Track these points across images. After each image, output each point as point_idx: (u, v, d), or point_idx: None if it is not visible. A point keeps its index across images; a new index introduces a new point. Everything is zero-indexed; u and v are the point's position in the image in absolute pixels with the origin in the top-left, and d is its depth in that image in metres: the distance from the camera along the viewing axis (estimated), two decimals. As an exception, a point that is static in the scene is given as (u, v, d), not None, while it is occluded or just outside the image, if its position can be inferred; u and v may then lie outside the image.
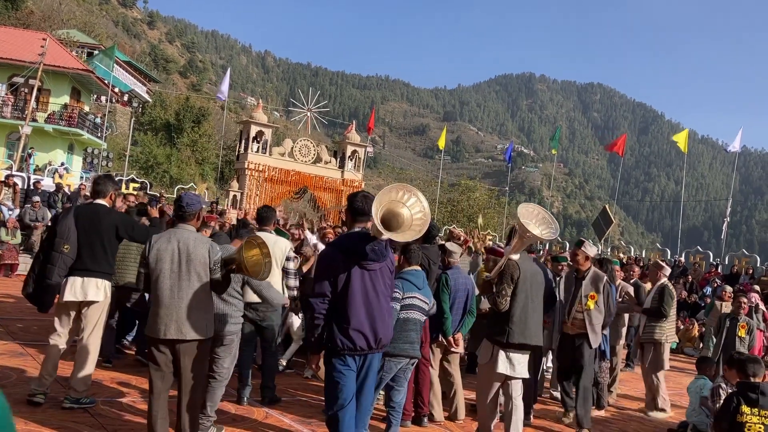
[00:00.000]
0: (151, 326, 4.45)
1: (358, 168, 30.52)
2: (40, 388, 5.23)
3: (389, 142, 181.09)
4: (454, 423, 6.47)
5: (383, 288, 4.21)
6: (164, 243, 4.45)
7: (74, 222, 5.27)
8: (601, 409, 7.69)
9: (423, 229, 4.16)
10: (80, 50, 47.42)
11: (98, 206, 5.45)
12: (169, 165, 43.96)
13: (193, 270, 4.41)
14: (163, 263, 4.40)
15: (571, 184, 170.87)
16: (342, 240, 4.34)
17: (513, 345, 5.33)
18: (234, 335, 5.28)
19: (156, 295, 4.43)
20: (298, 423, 5.77)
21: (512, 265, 5.38)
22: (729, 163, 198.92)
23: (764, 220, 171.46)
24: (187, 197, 4.62)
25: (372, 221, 4.03)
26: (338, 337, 4.08)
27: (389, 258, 4.28)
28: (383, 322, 4.18)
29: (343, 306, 4.08)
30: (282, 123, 71.44)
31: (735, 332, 8.06)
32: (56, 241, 5.19)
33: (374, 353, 4.22)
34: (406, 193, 4.19)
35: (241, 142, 29.05)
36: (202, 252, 4.44)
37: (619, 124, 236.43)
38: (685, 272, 21.04)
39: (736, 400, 5.44)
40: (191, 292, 4.40)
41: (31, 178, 21.07)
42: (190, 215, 4.59)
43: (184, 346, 4.40)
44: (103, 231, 5.34)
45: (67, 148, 32.60)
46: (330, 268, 4.13)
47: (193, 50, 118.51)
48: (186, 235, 4.48)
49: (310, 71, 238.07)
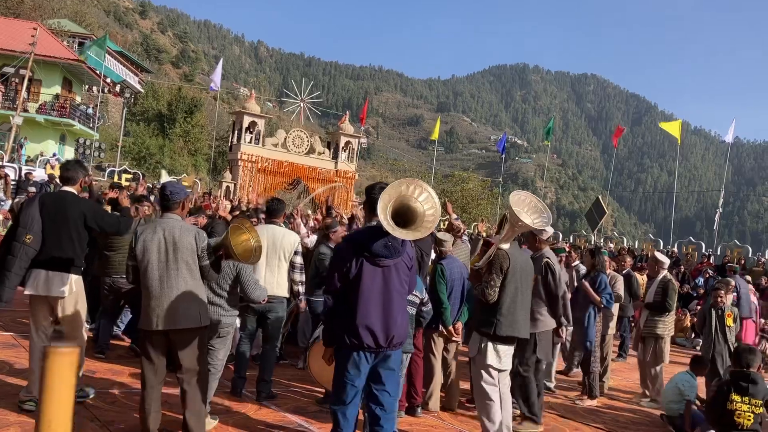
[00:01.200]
0: (143, 319, 4.43)
1: (352, 159, 30.47)
2: (30, 394, 4.94)
3: (383, 133, 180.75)
4: (448, 413, 6.49)
5: (397, 285, 4.07)
6: (150, 233, 4.41)
7: (39, 210, 4.89)
8: (594, 399, 7.73)
9: (433, 226, 4.03)
10: (71, 40, 47.07)
11: (66, 194, 5.06)
12: (161, 156, 43.78)
13: (181, 259, 4.38)
14: (150, 254, 4.37)
15: (564, 175, 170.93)
16: (356, 234, 4.24)
17: (500, 337, 5.21)
18: (230, 327, 5.23)
19: (145, 286, 4.40)
20: (291, 414, 5.77)
21: (502, 255, 5.22)
22: (721, 154, 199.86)
23: (756, 211, 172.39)
24: (170, 186, 4.59)
25: (382, 217, 3.86)
26: (346, 333, 4.00)
27: (406, 254, 4.14)
28: (395, 320, 4.04)
29: (353, 302, 3.99)
30: (275, 114, 71.19)
31: (723, 323, 8.06)
32: (18, 231, 4.84)
33: (386, 351, 4.07)
34: (417, 187, 4.03)
35: (234, 132, 28.96)
36: (189, 240, 4.42)
37: (613, 115, 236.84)
38: (677, 263, 21.12)
39: (727, 388, 5.49)
40: (181, 281, 4.37)
41: (22, 169, 20.97)
42: (175, 204, 4.55)
43: (178, 336, 4.38)
44: (70, 220, 4.96)
45: (58, 139, 32.43)
46: (341, 263, 4.04)
47: (186, 40, 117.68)
48: (172, 224, 4.45)
49: (303, 61, 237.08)
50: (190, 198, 5.14)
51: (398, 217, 3.92)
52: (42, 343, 5.01)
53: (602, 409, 7.68)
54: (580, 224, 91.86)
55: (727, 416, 5.42)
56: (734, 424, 5.38)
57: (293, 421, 5.58)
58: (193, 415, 4.43)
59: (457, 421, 6.30)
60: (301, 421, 5.60)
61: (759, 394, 5.40)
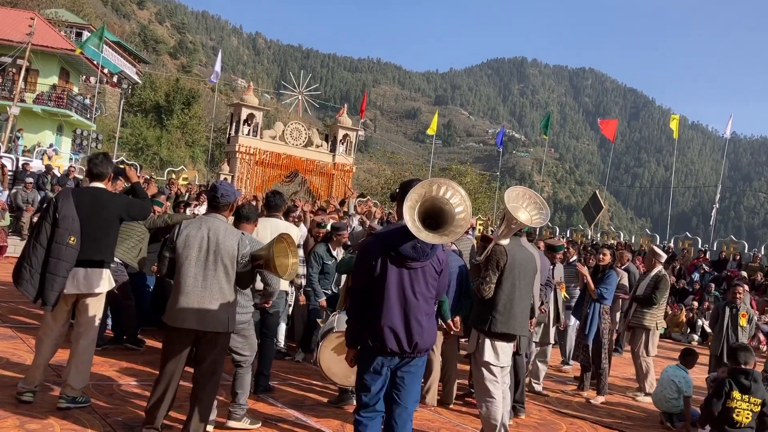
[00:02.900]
0: (169, 314, 4.38)
1: (350, 152, 30.43)
2: (28, 385, 4.94)
3: (380, 126, 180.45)
4: (444, 408, 6.51)
5: (424, 289, 3.86)
6: (194, 230, 4.37)
7: (75, 209, 4.85)
8: (603, 396, 7.78)
9: (463, 230, 3.79)
10: (69, 30, 46.87)
11: (99, 191, 5.04)
12: (159, 147, 43.71)
13: (219, 261, 4.34)
14: (190, 250, 4.33)
15: (561, 169, 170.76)
16: (386, 232, 4.01)
17: (495, 334, 5.16)
18: (245, 324, 5.13)
19: (178, 281, 4.35)
20: (288, 407, 5.79)
21: (499, 251, 5.16)
22: (719, 149, 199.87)
23: (752, 206, 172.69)
24: (222, 187, 4.54)
25: (408, 218, 3.63)
26: (368, 335, 3.84)
27: (436, 257, 3.92)
28: (420, 325, 3.83)
29: (378, 303, 3.82)
30: (273, 106, 70.99)
31: (737, 322, 8.02)
32: (59, 232, 4.77)
33: (409, 358, 3.88)
34: (449, 188, 3.74)
35: (232, 124, 28.88)
36: (232, 244, 4.37)
37: (611, 109, 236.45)
38: (673, 258, 21.18)
39: (729, 385, 5.51)
40: (215, 283, 4.33)
41: (19, 160, 20.90)
42: (224, 206, 4.51)
43: (204, 337, 4.34)
44: (107, 219, 4.99)
45: (56, 130, 32.31)
46: (366, 261, 3.87)
47: (183, 31, 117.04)
48: (217, 224, 4.41)
49: (301, 53, 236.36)
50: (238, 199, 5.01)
51: (428, 219, 3.73)
52: (55, 340, 5.03)
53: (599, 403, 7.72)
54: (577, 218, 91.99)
55: (725, 413, 5.45)
56: (732, 421, 5.41)
57: (290, 414, 5.60)
58: (199, 417, 4.38)
59: (453, 415, 6.33)
60: (299, 415, 5.61)
61: (758, 392, 5.43)
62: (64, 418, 4.72)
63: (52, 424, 4.58)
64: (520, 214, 5.07)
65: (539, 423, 6.49)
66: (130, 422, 4.81)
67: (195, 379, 4.43)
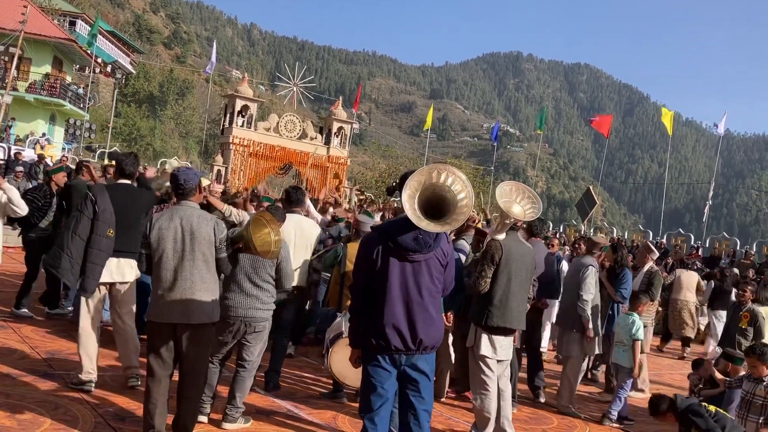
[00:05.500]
0: (152, 310, 4.26)
1: (344, 145, 30.37)
2: (88, 376, 5.21)
3: (375, 119, 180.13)
4: (436, 401, 6.51)
5: (428, 283, 3.69)
6: (166, 221, 4.23)
7: (111, 203, 5.23)
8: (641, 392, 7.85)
9: (466, 216, 3.68)
10: (62, 18, 46.54)
11: (131, 187, 5.55)
12: (152, 138, 43.56)
13: (197, 249, 4.21)
14: (165, 242, 4.20)
15: (555, 165, 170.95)
16: (386, 224, 3.88)
17: (492, 328, 5.17)
18: (266, 322, 4.98)
19: (158, 276, 4.23)
20: (280, 399, 5.77)
21: (495, 245, 5.18)
22: (712, 146, 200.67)
23: (744, 203, 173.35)
24: (182, 174, 4.36)
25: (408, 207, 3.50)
26: (372, 333, 3.68)
27: (441, 249, 3.74)
28: (425, 320, 3.67)
29: (380, 300, 3.66)
30: (267, 97, 70.74)
31: (737, 323, 7.90)
32: (99, 225, 5.13)
33: (415, 355, 3.71)
34: (449, 174, 3.60)
35: (226, 116, 28.75)
36: (207, 230, 4.24)
37: (605, 105, 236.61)
38: (665, 254, 21.25)
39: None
40: (196, 273, 4.21)
41: (11, 149, 20.78)
42: (191, 191, 4.36)
43: (188, 330, 4.20)
44: (138, 213, 5.42)
45: (48, 119, 32.15)
46: (367, 256, 3.70)
47: (178, 21, 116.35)
48: (189, 212, 4.27)
49: (296, 45, 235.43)
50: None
51: (430, 208, 3.58)
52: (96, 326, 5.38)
53: (591, 398, 7.74)
54: (570, 214, 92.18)
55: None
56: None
57: (283, 407, 5.59)
58: (187, 412, 4.27)
59: (445, 408, 6.33)
60: (291, 407, 5.60)
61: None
62: (55, 409, 4.70)
63: (43, 414, 4.56)
64: (514, 208, 5.12)
65: (532, 417, 6.51)
66: (121, 413, 4.79)
67: (181, 377, 4.29)
